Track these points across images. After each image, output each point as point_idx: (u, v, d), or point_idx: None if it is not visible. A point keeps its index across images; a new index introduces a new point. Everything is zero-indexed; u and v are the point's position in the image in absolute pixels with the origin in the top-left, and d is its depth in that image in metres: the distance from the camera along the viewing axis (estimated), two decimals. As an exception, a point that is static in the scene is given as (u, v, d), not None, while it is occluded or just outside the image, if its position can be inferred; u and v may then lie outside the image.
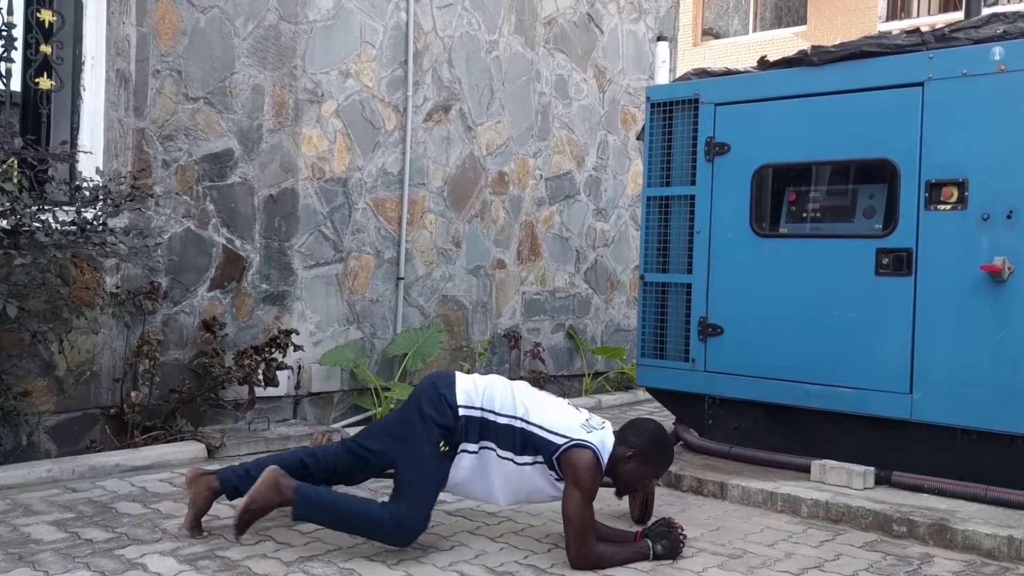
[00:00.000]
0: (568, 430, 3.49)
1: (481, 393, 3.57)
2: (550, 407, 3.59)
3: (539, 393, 3.69)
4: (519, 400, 3.57)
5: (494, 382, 3.66)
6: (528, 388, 3.70)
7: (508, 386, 3.64)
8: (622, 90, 8.33)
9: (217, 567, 3.36)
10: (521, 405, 3.55)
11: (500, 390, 3.60)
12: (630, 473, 3.60)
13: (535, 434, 3.50)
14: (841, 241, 4.78)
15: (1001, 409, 4.25)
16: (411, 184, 6.60)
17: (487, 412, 3.54)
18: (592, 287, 8.15)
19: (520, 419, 3.52)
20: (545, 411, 3.55)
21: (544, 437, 3.48)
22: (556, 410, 3.58)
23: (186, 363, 5.44)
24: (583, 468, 3.43)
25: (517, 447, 3.52)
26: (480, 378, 3.68)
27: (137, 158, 5.18)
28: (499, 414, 3.53)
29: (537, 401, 3.60)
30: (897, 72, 4.59)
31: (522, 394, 3.61)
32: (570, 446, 3.45)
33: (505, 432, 3.52)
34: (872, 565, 3.67)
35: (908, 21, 18.57)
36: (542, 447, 3.49)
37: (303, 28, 5.91)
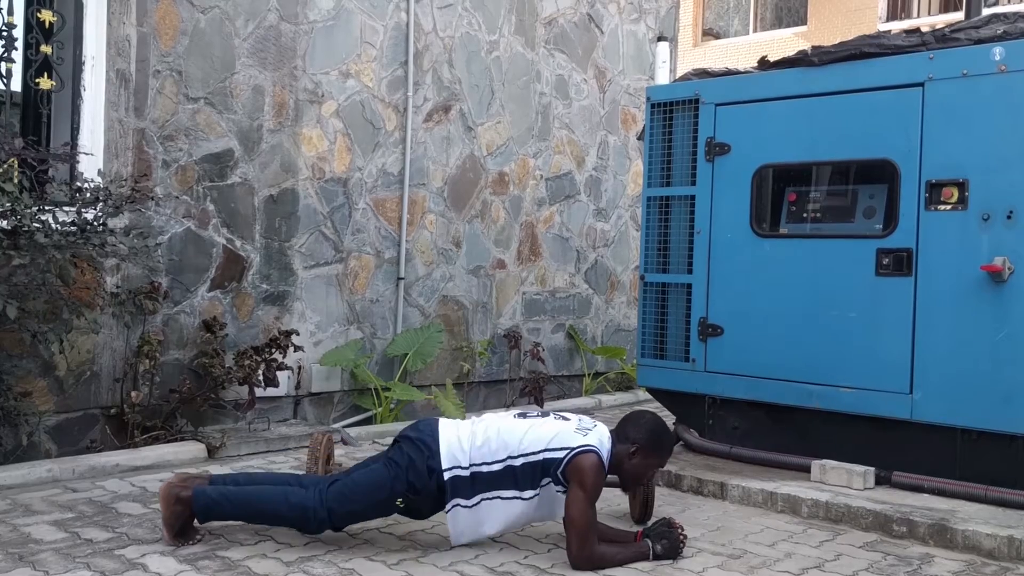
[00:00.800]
0: (566, 440, 3.50)
1: (467, 450, 3.53)
2: (540, 429, 3.56)
3: (524, 420, 3.64)
4: (507, 439, 3.53)
5: (476, 432, 3.59)
6: (512, 422, 3.63)
7: (493, 428, 3.58)
8: (622, 90, 8.33)
9: (217, 567, 3.36)
10: (510, 444, 3.52)
11: (483, 439, 3.55)
12: (635, 468, 3.63)
13: (535, 461, 3.50)
14: (841, 241, 4.78)
15: (1001, 409, 4.25)
16: (411, 184, 6.60)
17: (477, 467, 3.51)
18: (592, 287, 8.15)
19: (515, 456, 3.51)
20: (537, 435, 3.54)
21: (546, 458, 3.49)
22: (547, 428, 3.57)
23: (186, 363, 5.44)
24: (588, 470, 3.44)
25: (520, 484, 3.51)
26: (464, 430, 3.61)
27: (137, 158, 5.18)
28: (491, 463, 3.51)
29: (526, 430, 3.57)
30: (897, 72, 4.59)
31: (508, 432, 3.56)
32: (573, 454, 3.46)
33: (504, 476, 3.51)
34: (872, 565, 3.67)
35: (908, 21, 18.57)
36: (546, 467, 3.49)
37: (303, 28, 5.91)
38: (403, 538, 3.77)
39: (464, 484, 3.51)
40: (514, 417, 3.69)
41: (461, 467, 3.51)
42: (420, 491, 3.52)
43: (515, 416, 3.70)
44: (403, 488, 3.51)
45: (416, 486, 3.51)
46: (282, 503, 3.55)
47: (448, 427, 3.62)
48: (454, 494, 3.51)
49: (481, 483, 3.52)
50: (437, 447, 3.53)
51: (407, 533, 3.82)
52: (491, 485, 3.52)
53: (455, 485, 3.50)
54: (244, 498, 3.59)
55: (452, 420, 3.72)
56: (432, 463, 3.50)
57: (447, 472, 3.50)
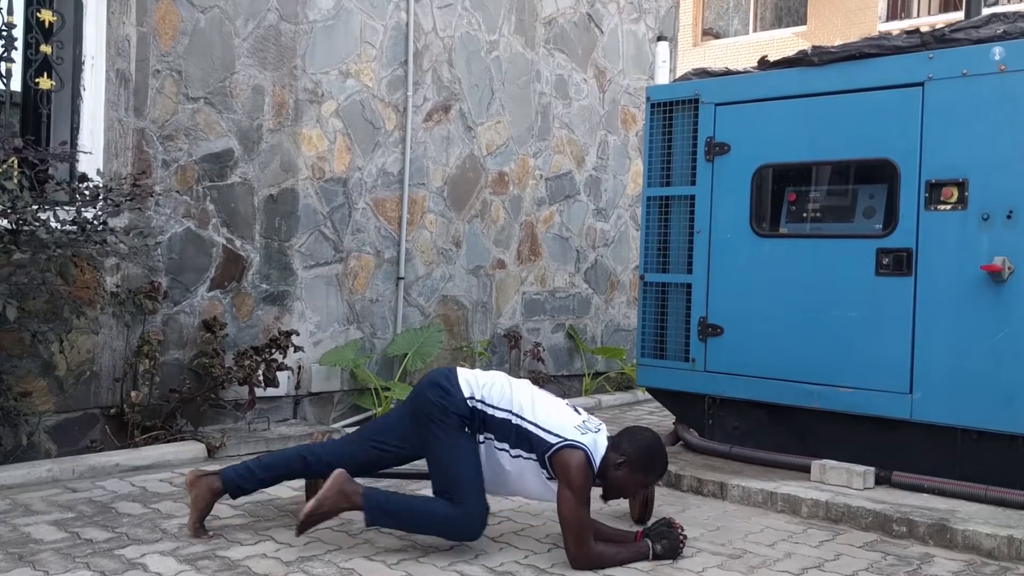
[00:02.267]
0: (561, 430, 3.51)
1: (481, 386, 3.60)
2: (546, 406, 3.60)
3: (538, 392, 3.69)
4: (516, 397, 3.59)
5: (495, 377, 3.69)
6: (528, 386, 3.71)
7: (507, 382, 3.67)
8: (622, 90, 8.33)
9: (217, 567, 3.36)
10: (517, 402, 3.57)
11: (499, 385, 3.63)
12: (618, 479, 3.59)
13: (529, 431, 3.51)
14: (841, 241, 4.78)
15: (1001, 409, 4.25)
16: (411, 184, 6.60)
17: (485, 405, 3.56)
18: (592, 287, 8.15)
19: (515, 415, 3.54)
20: (540, 409, 3.56)
21: (537, 435, 3.50)
22: (552, 409, 3.59)
23: (186, 363, 5.44)
24: (574, 468, 3.43)
25: (511, 441, 3.54)
26: (481, 373, 3.72)
27: (137, 158, 5.18)
28: (495, 407, 3.56)
29: (534, 399, 3.61)
30: (897, 72, 4.59)
31: (520, 391, 3.63)
32: (562, 446, 3.46)
33: (501, 426, 3.55)
34: (872, 565, 3.67)
35: (908, 21, 18.57)
36: (535, 444, 3.51)
37: (303, 28, 5.91)
38: (403, 538, 3.77)
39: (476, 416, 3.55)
40: (530, 383, 3.74)
41: (474, 398, 3.56)
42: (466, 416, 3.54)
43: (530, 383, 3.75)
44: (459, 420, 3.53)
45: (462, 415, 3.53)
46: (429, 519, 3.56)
47: (463, 369, 3.71)
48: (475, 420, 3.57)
49: (486, 423, 3.55)
50: (457, 379, 3.60)
51: (407, 533, 3.82)
52: (491, 428, 3.55)
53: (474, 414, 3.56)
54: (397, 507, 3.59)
55: None
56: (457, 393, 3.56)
57: (468, 400, 3.55)
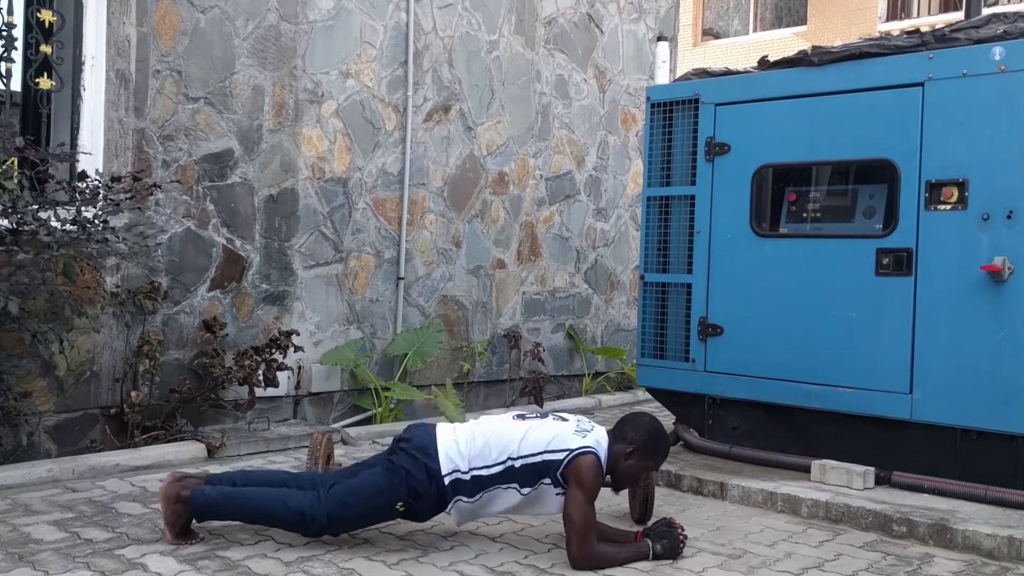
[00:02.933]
0: (564, 443, 3.51)
1: (466, 455, 3.53)
2: (538, 431, 3.57)
3: (523, 423, 3.64)
4: (506, 442, 3.54)
5: (475, 436, 3.58)
6: (510, 424, 3.64)
7: (492, 433, 3.58)
8: (622, 90, 8.33)
9: (217, 567, 3.36)
10: (509, 448, 3.53)
11: (482, 443, 3.55)
12: (630, 468, 3.63)
13: (534, 462, 3.51)
14: (841, 241, 4.78)
15: (1001, 409, 4.25)
16: (411, 184, 6.60)
17: (477, 471, 3.53)
18: (592, 287, 8.15)
19: (512, 459, 3.52)
20: (536, 437, 3.54)
21: (545, 460, 3.50)
22: (546, 431, 3.57)
23: (186, 363, 5.44)
24: (586, 470, 3.45)
25: (519, 481, 3.53)
26: (462, 434, 3.61)
27: (137, 158, 5.18)
28: (490, 466, 3.53)
29: (524, 432, 3.57)
30: (897, 72, 4.59)
31: (507, 435, 3.57)
32: (572, 457, 3.47)
33: (504, 475, 3.53)
34: (872, 565, 3.67)
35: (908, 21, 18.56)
36: (545, 470, 3.51)
37: (303, 28, 5.91)
38: (403, 538, 3.77)
39: (465, 486, 3.53)
40: (512, 419, 3.69)
41: (461, 471, 3.52)
42: (421, 496, 3.52)
43: (514, 418, 3.70)
44: (403, 492, 3.51)
45: (417, 491, 3.51)
46: (280, 506, 3.55)
47: (446, 432, 3.62)
48: (456, 493, 3.53)
49: (482, 484, 3.54)
50: (436, 453, 3.53)
51: (407, 533, 3.82)
52: (492, 482, 3.54)
53: (456, 487, 3.53)
54: (243, 499, 3.59)
55: (449, 424, 3.72)
56: (432, 467, 3.51)
57: (447, 476, 3.51)
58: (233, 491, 3.61)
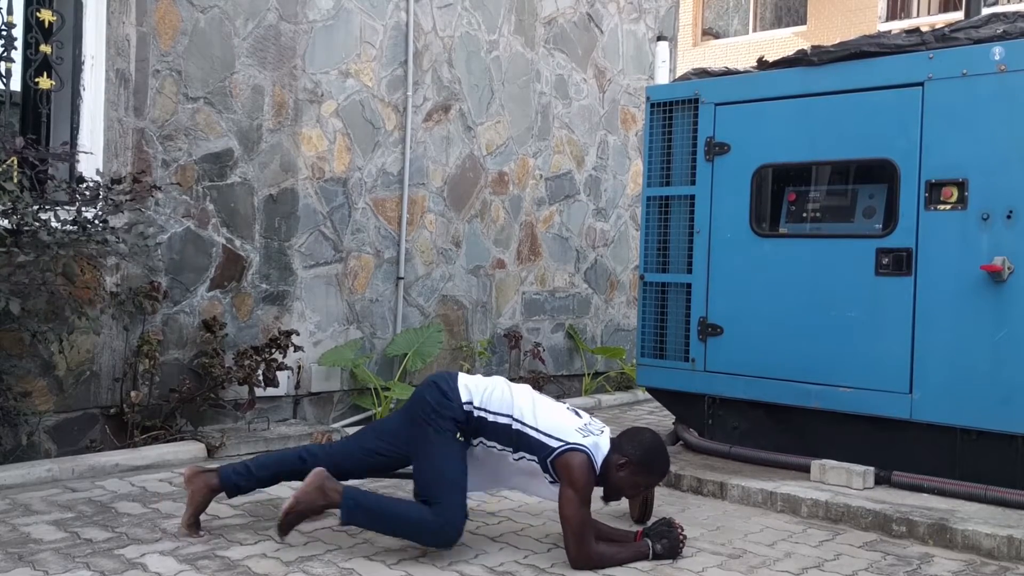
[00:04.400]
0: (563, 434, 3.51)
1: (480, 391, 3.60)
2: (547, 411, 3.59)
3: (539, 396, 3.69)
4: (517, 402, 3.59)
5: (496, 382, 3.68)
6: (528, 391, 3.70)
7: (508, 387, 3.66)
8: (622, 90, 8.33)
9: (217, 567, 3.36)
10: (518, 407, 3.57)
11: (499, 390, 3.62)
12: (620, 481, 3.61)
13: (529, 435, 3.52)
14: (841, 241, 4.78)
15: (1001, 409, 4.25)
16: (411, 184, 6.60)
17: (483, 411, 3.56)
18: (592, 287, 8.15)
19: (516, 420, 3.54)
20: (542, 414, 3.56)
21: (538, 439, 3.51)
22: (553, 414, 3.59)
23: (186, 363, 5.44)
24: (576, 469, 3.45)
25: (513, 445, 3.55)
26: (482, 378, 3.71)
27: (137, 158, 5.18)
28: (495, 413, 3.56)
29: (535, 404, 3.60)
30: (897, 72, 4.59)
31: (521, 396, 3.63)
32: (564, 450, 3.47)
33: (500, 430, 3.55)
34: (872, 565, 3.67)
35: (908, 21, 18.58)
36: (536, 449, 3.52)
37: (303, 28, 5.91)
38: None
39: (471, 421, 3.56)
40: (531, 389, 3.73)
41: (473, 404, 3.57)
42: (461, 421, 3.54)
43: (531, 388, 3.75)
44: (452, 425, 3.53)
45: (456, 419, 3.54)
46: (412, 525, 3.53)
47: (464, 375, 3.71)
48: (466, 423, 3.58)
49: (481, 427, 3.56)
50: (456, 384, 3.60)
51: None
52: (490, 433, 3.56)
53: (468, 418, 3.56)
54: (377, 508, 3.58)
55: None
56: (454, 397, 3.56)
57: (465, 405, 3.56)
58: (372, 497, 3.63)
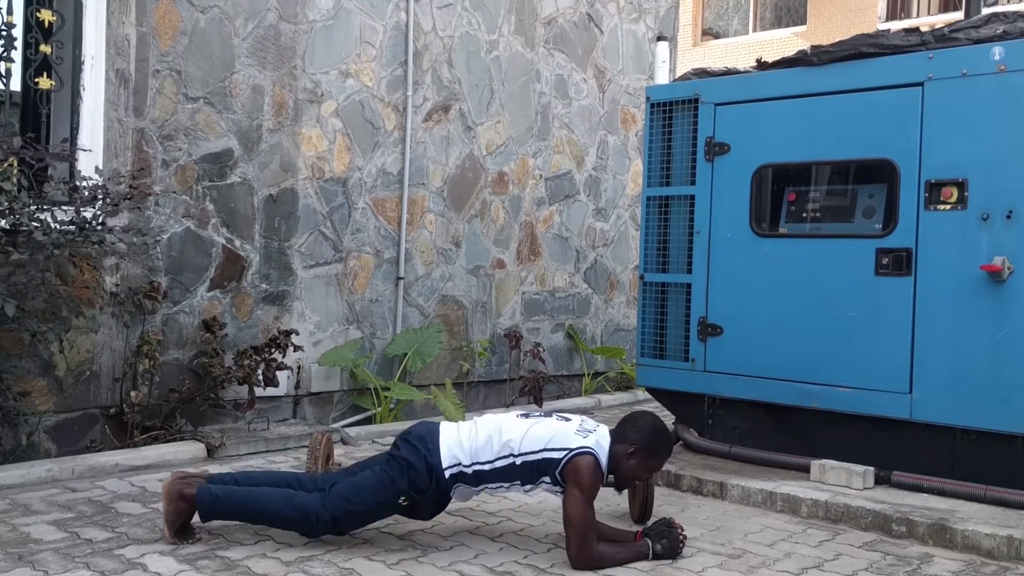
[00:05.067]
0: (565, 442, 3.52)
1: (467, 448, 3.56)
2: (539, 429, 3.58)
3: (525, 420, 3.66)
4: (507, 437, 3.56)
5: (479, 432, 3.61)
6: (513, 419, 3.66)
7: (495, 428, 3.60)
8: (622, 90, 8.33)
9: (217, 567, 3.36)
10: (513, 442, 3.55)
11: (486, 436, 3.58)
12: (632, 468, 3.64)
13: (534, 460, 3.53)
14: (841, 241, 4.78)
15: (1001, 409, 4.25)
16: (411, 184, 6.60)
17: (478, 465, 3.55)
18: (592, 287, 8.15)
19: (515, 456, 3.54)
20: (537, 435, 3.56)
21: (544, 457, 3.51)
22: (547, 429, 3.58)
23: (186, 363, 5.44)
24: (584, 470, 3.46)
25: (523, 478, 3.57)
26: (464, 429, 3.64)
27: (137, 158, 5.18)
28: (492, 461, 3.55)
29: (526, 429, 3.58)
30: (897, 72, 4.59)
31: (510, 429, 3.59)
32: (570, 457, 3.48)
33: (505, 472, 3.56)
34: (872, 565, 3.67)
35: (908, 21, 18.57)
36: (544, 467, 3.52)
37: (303, 28, 5.90)
38: (403, 538, 3.77)
39: (467, 478, 3.56)
40: (516, 417, 3.70)
41: (463, 465, 3.54)
42: (422, 491, 3.54)
43: (517, 416, 3.71)
44: (405, 486, 3.52)
45: (418, 485, 3.53)
46: (285, 505, 3.56)
47: (448, 428, 3.66)
48: (456, 482, 3.57)
49: (484, 477, 3.57)
50: (437, 447, 3.55)
51: (407, 533, 3.82)
52: (494, 478, 3.58)
53: (458, 478, 3.56)
54: (247, 498, 3.60)
55: (452, 422, 3.74)
56: (432, 461, 3.53)
57: (448, 470, 3.53)
58: (238, 490, 3.62)
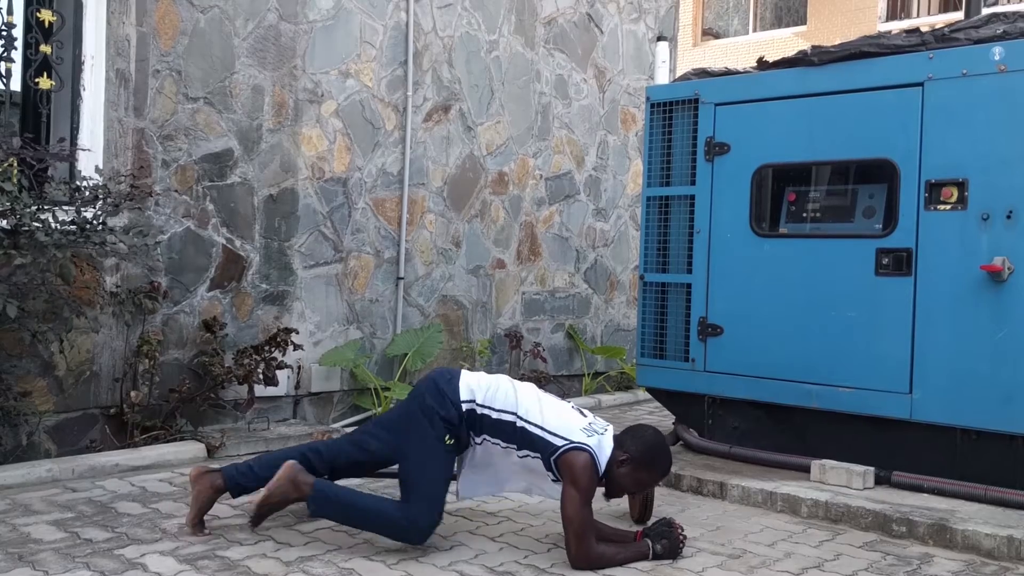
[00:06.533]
0: (567, 432, 3.52)
1: (484, 389, 3.61)
2: (552, 409, 3.60)
3: (544, 395, 3.70)
4: (521, 400, 3.60)
5: (500, 380, 3.69)
6: (533, 389, 3.71)
7: (512, 385, 3.67)
8: (622, 90, 8.33)
9: (217, 567, 3.36)
10: (523, 405, 3.58)
11: (503, 388, 3.64)
12: (621, 477, 3.61)
13: (533, 433, 3.53)
14: (841, 241, 4.78)
15: (1001, 409, 4.25)
16: (411, 184, 6.60)
17: (486, 408, 3.58)
18: (592, 287, 8.15)
19: (520, 418, 3.55)
20: (546, 412, 3.57)
21: (542, 437, 3.52)
22: (558, 412, 3.60)
23: (186, 363, 5.44)
24: (579, 469, 3.45)
25: (517, 442, 3.56)
26: (486, 376, 3.72)
27: (137, 158, 5.18)
28: (499, 411, 3.57)
29: (539, 402, 3.62)
30: (897, 72, 4.59)
31: (525, 395, 3.64)
32: (567, 449, 3.48)
33: (504, 427, 3.56)
34: (872, 565, 3.67)
35: (908, 21, 18.57)
36: (540, 447, 3.53)
37: (303, 28, 5.90)
38: (403, 538, 3.77)
39: (475, 420, 3.58)
40: (536, 388, 3.74)
41: (476, 402, 3.58)
42: (454, 423, 3.56)
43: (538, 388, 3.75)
44: (443, 427, 3.54)
45: (450, 420, 3.55)
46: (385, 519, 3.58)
47: (469, 373, 3.72)
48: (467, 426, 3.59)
49: (484, 425, 3.58)
50: (456, 388, 3.60)
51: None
52: (494, 431, 3.58)
53: (469, 417, 3.58)
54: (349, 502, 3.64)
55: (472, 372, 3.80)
56: (453, 397, 3.57)
57: (464, 404, 3.57)
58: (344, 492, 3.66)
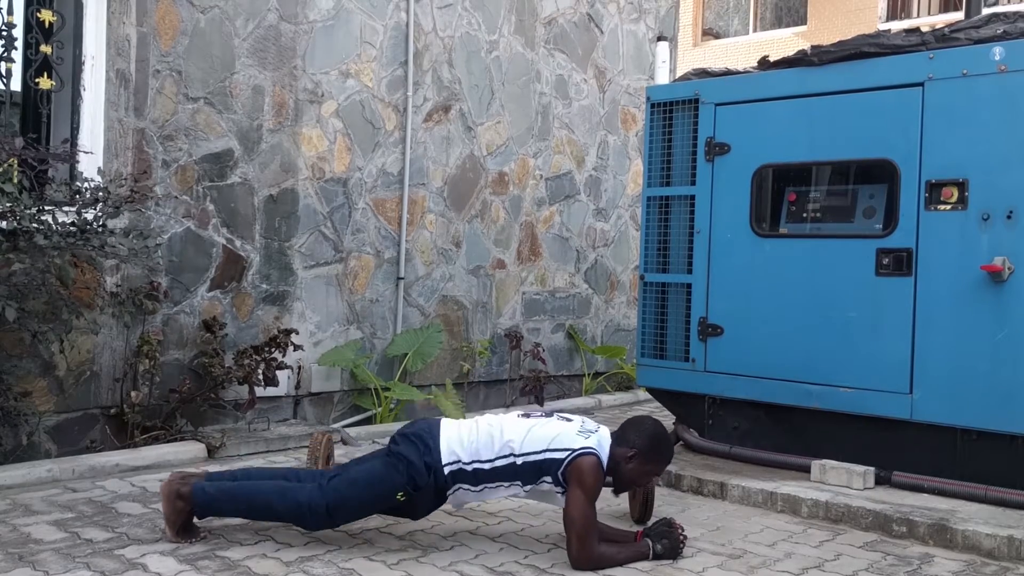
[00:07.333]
0: (567, 442, 3.52)
1: (468, 446, 3.56)
2: (542, 429, 3.58)
3: (527, 420, 3.65)
4: (508, 437, 3.55)
5: (481, 426, 3.62)
6: (514, 419, 3.66)
7: (496, 427, 3.60)
8: (622, 90, 8.33)
9: (217, 567, 3.36)
10: (514, 442, 3.54)
11: (486, 435, 3.57)
12: (631, 472, 3.63)
13: (536, 460, 3.52)
14: (841, 241, 4.78)
15: (1001, 409, 4.25)
16: (411, 184, 6.60)
17: (478, 463, 3.54)
18: (592, 287, 8.15)
19: (516, 456, 3.53)
20: (539, 435, 3.55)
21: (547, 458, 3.51)
22: (548, 429, 3.58)
23: (186, 363, 5.44)
24: (587, 471, 3.46)
25: (523, 479, 3.56)
26: (465, 428, 3.63)
27: (137, 158, 5.18)
28: (492, 460, 3.54)
29: (527, 429, 3.58)
30: (897, 72, 4.59)
31: (511, 429, 3.58)
32: (573, 457, 3.48)
33: (504, 471, 3.55)
34: (872, 565, 3.67)
35: (908, 21, 18.56)
36: (547, 467, 3.52)
37: (303, 28, 5.91)
38: (403, 538, 3.77)
39: (467, 476, 3.55)
40: (517, 416, 3.70)
41: (463, 462, 3.54)
42: (420, 487, 3.53)
43: (518, 416, 3.71)
44: (403, 481, 3.52)
45: (416, 481, 3.52)
46: (280, 499, 3.56)
47: (449, 425, 3.65)
48: (456, 481, 3.56)
49: (483, 476, 3.56)
50: (436, 444, 3.55)
51: (407, 533, 3.82)
52: (494, 478, 3.56)
53: (457, 476, 3.55)
54: (242, 494, 3.60)
55: (452, 420, 3.73)
56: (430, 459, 3.52)
57: (447, 467, 3.53)
58: (233, 485, 3.63)
